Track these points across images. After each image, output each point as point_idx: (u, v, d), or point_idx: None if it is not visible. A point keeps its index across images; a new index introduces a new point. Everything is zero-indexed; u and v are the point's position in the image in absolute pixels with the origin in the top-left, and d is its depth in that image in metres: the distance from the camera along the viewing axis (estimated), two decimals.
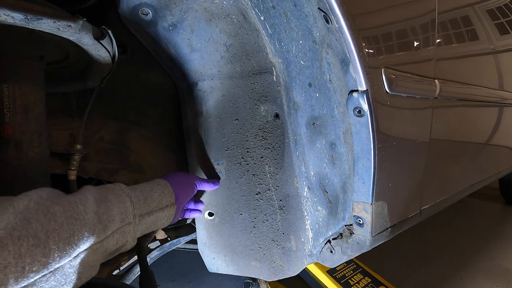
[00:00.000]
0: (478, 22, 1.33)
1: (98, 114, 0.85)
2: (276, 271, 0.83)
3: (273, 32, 0.71)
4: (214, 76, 0.73)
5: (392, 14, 0.82)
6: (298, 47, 0.72)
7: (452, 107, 1.14)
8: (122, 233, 0.54)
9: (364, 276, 1.48)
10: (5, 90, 0.58)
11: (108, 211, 0.51)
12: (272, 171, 0.78)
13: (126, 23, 0.69)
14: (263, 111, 0.75)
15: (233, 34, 0.70)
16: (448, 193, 1.23)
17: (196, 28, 0.69)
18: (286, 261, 0.83)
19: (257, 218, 0.80)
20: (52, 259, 0.42)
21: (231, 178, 0.80)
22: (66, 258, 0.43)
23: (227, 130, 0.76)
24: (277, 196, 0.80)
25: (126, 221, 0.54)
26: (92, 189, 0.53)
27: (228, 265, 0.87)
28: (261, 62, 0.73)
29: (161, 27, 0.69)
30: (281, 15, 0.69)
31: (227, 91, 0.74)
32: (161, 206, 0.63)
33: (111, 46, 0.67)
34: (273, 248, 0.82)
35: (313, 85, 0.75)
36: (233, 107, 0.74)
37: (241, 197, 0.80)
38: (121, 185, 0.59)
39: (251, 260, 0.83)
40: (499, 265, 1.91)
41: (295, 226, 0.82)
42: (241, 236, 0.82)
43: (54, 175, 0.75)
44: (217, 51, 0.70)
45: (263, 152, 0.77)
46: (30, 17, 0.51)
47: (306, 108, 0.77)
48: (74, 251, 0.44)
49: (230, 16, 0.69)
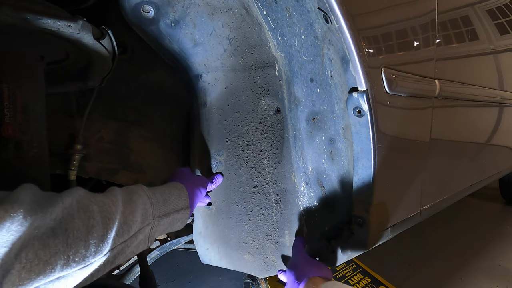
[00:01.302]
0: (478, 22, 1.33)
1: (98, 114, 0.85)
2: (268, 267, 0.83)
3: (275, 27, 0.71)
4: (218, 69, 0.73)
5: (392, 14, 0.82)
6: (301, 42, 0.72)
7: (452, 107, 1.14)
8: (143, 233, 0.57)
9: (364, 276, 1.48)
10: (5, 90, 0.58)
11: (133, 212, 0.54)
12: (270, 165, 0.78)
13: (128, 21, 0.69)
14: (264, 105, 0.75)
15: (236, 28, 0.70)
16: (448, 193, 1.23)
17: (198, 23, 0.69)
18: (279, 256, 0.83)
19: (253, 211, 0.80)
20: (90, 253, 0.45)
21: (230, 169, 0.80)
22: (99, 255, 0.47)
23: (229, 122, 0.77)
24: (274, 191, 0.80)
25: (146, 222, 0.57)
26: (119, 190, 0.56)
27: (221, 257, 0.86)
28: (263, 56, 0.73)
29: (164, 24, 0.69)
30: (283, 10, 0.69)
31: (230, 83, 0.74)
32: (177, 209, 0.65)
33: (111, 46, 0.67)
34: (266, 243, 0.82)
35: (315, 80, 0.75)
36: (235, 99, 0.74)
37: (238, 189, 0.80)
38: (143, 187, 0.62)
39: (244, 253, 0.82)
40: (499, 265, 1.91)
41: (290, 221, 0.81)
42: (236, 228, 0.82)
43: (54, 175, 0.75)
44: (220, 44, 0.70)
45: (262, 146, 0.78)
46: (30, 17, 0.51)
47: (307, 103, 0.77)
48: (105, 249, 0.48)
49: (233, 9, 0.69)
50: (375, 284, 1.45)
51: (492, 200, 3.06)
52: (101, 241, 0.47)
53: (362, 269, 1.53)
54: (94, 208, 0.48)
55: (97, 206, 0.49)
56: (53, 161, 0.78)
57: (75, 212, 0.45)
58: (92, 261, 0.46)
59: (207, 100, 0.78)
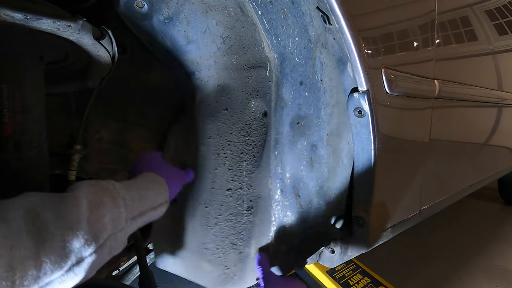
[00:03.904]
0: (477, 23, 1.34)
1: (98, 114, 0.84)
2: (226, 279, 0.77)
3: (270, 27, 0.71)
4: (211, 67, 0.72)
5: (391, 14, 0.82)
6: (294, 44, 0.72)
7: (452, 108, 1.14)
8: (113, 240, 0.50)
9: (363, 276, 1.48)
10: (4, 90, 0.57)
11: (101, 218, 0.47)
12: (249, 169, 0.75)
13: (121, 15, 0.69)
14: (253, 106, 0.73)
15: (230, 27, 0.70)
16: (447, 193, 1.23)
17: (192, 20, 0.68)
18: (241, 268, 0.78)
19: (221, 215, 0.75)
20: (44, 273, 0.39)
21: (206, 167, 0.75)
22: (57, 271, 0.40)
23: (214, 118, 0.73)
24: (247, 197, 0.76)
25: (118, 227, 0.51)
26: (85, 190, 0.49)
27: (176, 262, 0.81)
28: (256, 56, 0.73)
29: (157, 20, 0.68)
30: (278, 11, 0.69)
31: (222, 81, 0.73)
32: (155, 205, 0.60)
33: (111, 46, 0.66)
34: (230, 252, 0.76)
35: (304, 83, 0.75)
36: (225, 97, 0.73)
37: (211, 189, 0.75)
38: (115, 185, 0.54)
39: (204, 260, 0.77)
40: (498, 265, 1.92)
41: (258, 231, 0.78)
42: (200, 231, 0.76)
43: (53, 175, 0.75)
44: (214, 42, 0.70)
45: (244, 148, 0.74)
46: (30, 17, 0.51)
47: (293, 106, 0.76)
48: (66, 265, 0.41)
49: (227, 8, 0.69)
50: (375, 284, 1.46)
51: (491, 200, 3.07)
52: (58, 256, 0.40)
53: (362, 269, 1.53)
54: (48, 216, 0.41)
55: (52, 214, 0.42)
56: (52, 161, 0.77)
57: (22, 225, 0.38)
58: (48, 280, 0.39)
59: (198, 96, 0.76)
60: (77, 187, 0.49)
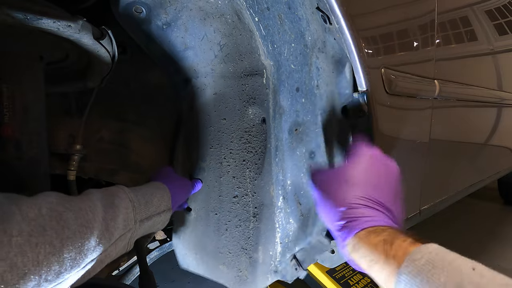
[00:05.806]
0: (477, 23, 1.34)
1: (98, 115, 0.85)
2: (241, 281, 0.80)
3: (266, 34, 0.71)
4: (208, 74, 0.73)
5: (391, 14, 0.83)
6: (290, 50, 0.72)
7: (452, 108, 1.14)
8: (124, 240, 0.53)
9: (363, 276, 1.48)
10: (4, 90, 0.57)
11: (115, 217, 0.50)
12: (252, 176, 0.76)
13: (118, 20, 0.69)
14: (251, 114, 0.74)
15: (227, 34, 0.70)
16: (447, 193, 1.23)
17: (190, 27, 0.69)
18: (251, 272, 0.80)
19: (231, 221, 0.78)
20: (65, 269, 0.40)
21: (211, 176, 0.78)
22: (75, 269, 0.42)
23: (214, 129, 0.75)
24: (253, 203, 0.77)
25: (128, 227, 0.53)
26: (98, 194, 0.51)
27: (198, 263, 0.85)
28: (253, 63, 0.73)
29: (155, 26, 0.68)
30: (275, 17, 0.69)
31: (219, 90, 0.73)
32: (159, 211, 0.63)
33: (111, 46, 0.66)
34: (241, 256, 0.79)
35: (301, 90, 0.75)
36: (222, 106, 0.74)
37: (218, 197, 0.78)
38: (124, 188, 0.57)
39: (220, 263, 0.80)
40: (498, 265, 1.92)
41: (264, 238, 0.79)
42: (213, 237, 0.80)
43: (53, 175, 0.75)
44: (211, 49, 0.70)
45: (245, 156, 0.75)
46: (30, 17, 0.51)
47: (291, 113, 0.76)
48: (83, 262, 0.43)
49: (225, 16, 0.69)
50: (375, 284, 1.45)
51: (491, 200, 3.07)
52: (78, 253, 0.42)
53: None
54: (69, 215, 0.43)
55: (73, 213, 0.43)
56: (52, 161, 0.78)
57: (46, 223, 0.40)
58: (67, 276, 0.41)
59: (195, 105, 0.77)
60: (90, 192, 0.52)
